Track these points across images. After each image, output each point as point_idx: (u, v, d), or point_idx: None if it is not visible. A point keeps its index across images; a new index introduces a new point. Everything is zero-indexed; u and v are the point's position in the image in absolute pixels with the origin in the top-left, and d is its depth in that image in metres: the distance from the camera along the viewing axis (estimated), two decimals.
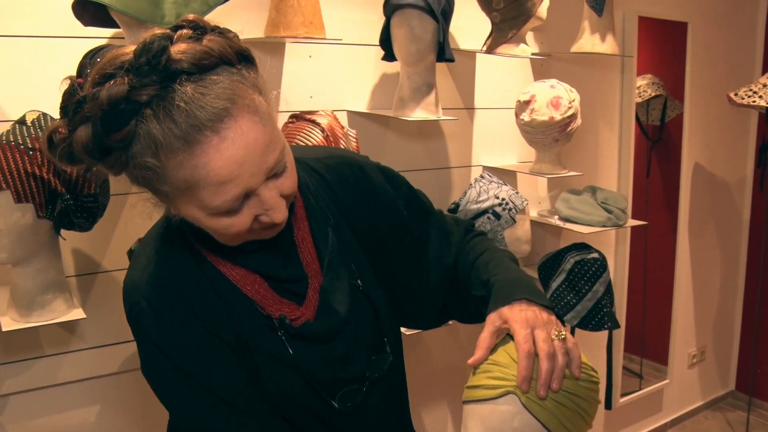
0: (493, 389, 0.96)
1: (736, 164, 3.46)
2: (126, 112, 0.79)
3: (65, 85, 0.85)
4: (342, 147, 1.73)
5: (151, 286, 0.94)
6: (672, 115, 3.16)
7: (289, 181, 0.90)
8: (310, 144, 1.66)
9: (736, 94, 2.84)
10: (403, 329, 1.25)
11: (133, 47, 0.81)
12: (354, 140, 1.80)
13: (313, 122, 1.70)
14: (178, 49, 0.80)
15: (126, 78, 0.79)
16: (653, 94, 3.07)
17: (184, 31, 0.83)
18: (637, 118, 3.05)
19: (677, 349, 3.30)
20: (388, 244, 1.13)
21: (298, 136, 1.68)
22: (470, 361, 0.98)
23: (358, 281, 1.07)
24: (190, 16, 0.86)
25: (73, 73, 1.27)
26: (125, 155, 0.82)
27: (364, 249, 1.11)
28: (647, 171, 3.22)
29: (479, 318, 1.11)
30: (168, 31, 0.82)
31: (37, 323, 1.41)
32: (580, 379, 0.96)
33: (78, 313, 1.46)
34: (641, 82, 3.03)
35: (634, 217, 2.82)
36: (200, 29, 0.84)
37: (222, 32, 0.85)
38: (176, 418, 1.00)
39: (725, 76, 3.25)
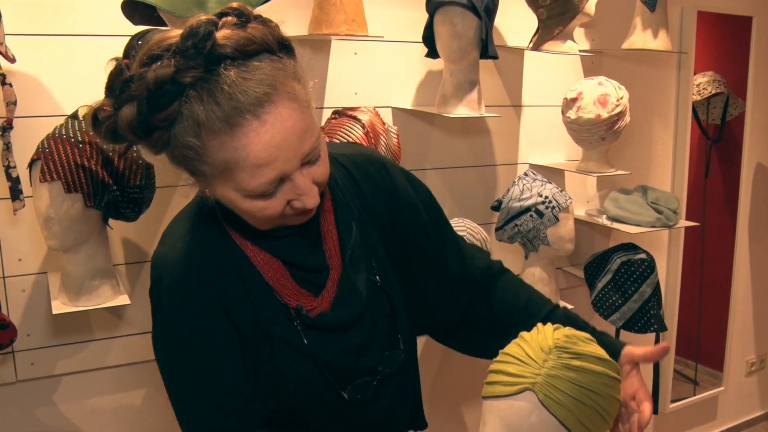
0: (511, 386, 0.96)
1: None
2: (171, 93, 0.82)
3: (111, 66, 0.89)
4: (382, 143, 1.74)
5: (177, 264, 0.97)
6: (734, 114, 3.05)
7: (321, 169, 0.93)
8: (350, 139, 1.68)
9: None
10: None
11: (179, 31, 0.84)
12: (395, 136, 1.82)
13: (354, 118, 1.73)
14: (223, 35, 0.83)
15: (172, 60, 0.82)
16: (714, 92, 2.97)
17: (229, 18, 0.86)
18: (697, 117, 2.96)
19: (734, 356, 3.20)
20: (407, 244, 1.15)
21: (339, 132, 1.71)
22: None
23: (377, 277, 1.09)
24: (234, 4, 0.88)
25: None
26: (167, 134, 0.85)
27: (385, 245, 1.12)
28: (706, 171, 3.12)
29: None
30: (213, 17, 0.85)
31: (84, 307, 1.48)
32: (598, 374, 0.95)
33: (123, 299, 1.53)
34: (701, 79, 2.94)
35: (690, 218, 2.75)
36: (244, 17, 0.87)
37: (264, 21, 0.88)
38: (176, 401, 1.02)
39: None
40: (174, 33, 0.84)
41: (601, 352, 0.99)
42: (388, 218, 1.13)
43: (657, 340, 2.32)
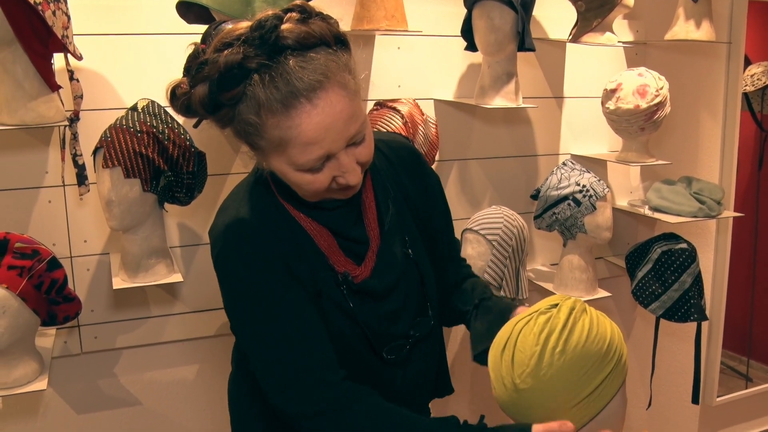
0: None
1: None
2: (237, 76, 0.94)
3: (190, 49, 1.03)
4: (420, 132, 1.82)
5: (239, 230, 1.09)
6: None
7: (365, 151, 1.05)
8: (390, 129, 1.77)
9: None
10: None
11: (248, 23, 0.96)
12: (434, 126, 1.89)
13: (394, 109, 1.81)
14: (287, 28, 0.95)
15: (241, 48, 0.94)
16: None
17: (293, 14, 0.97)
18: (750, 108, 2.92)
19: None
20: (432, 222, 1.27)
21: (380, 122, 1.79)
22: None
23: (409, 250, 1.20)
24: (299, 1, 1.00)
25: (178, 64, 1.48)
26: (232, 112, 0.98)
27: (417, 223, 1.23)
28: (759, 163, 3.07)
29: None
30: (280, 12, 0.98)
31: (141, 283, 1.61)
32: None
33: (177, 277, 1.65)
34: (756, 69, 2.89)
35: (743, 210, 2.71)
36: (306, 13, 0.98)
37: (324, 18, 1.01)
38: (256, 352, 1.12)
39: None
40: (244, 24, 0.97)
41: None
42: (421, 200, 1.25)
43: (698, 330, 2.32)
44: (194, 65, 0.99)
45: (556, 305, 1.05)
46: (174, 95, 1.02)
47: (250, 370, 1.19)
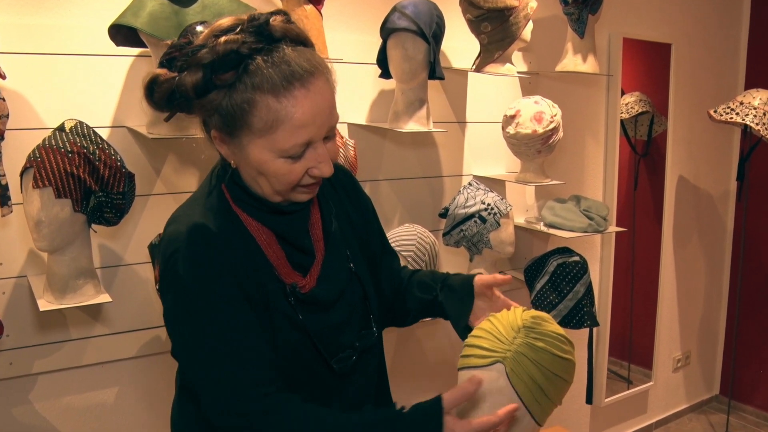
0: (485, 358, 1.13)
1: (720, 177, 3.63)
2: (234, 60, 1.02)
3: (163, 48, 1.08)
4: (341, 154, 1.92)
5: (193, 237, 1.10)
6: (659, 131, 3.33)
7: (335, 147, 1.14)
8: None
9: (715, 111, 3.02)
10: None
11: (232, 20, 1.05)
12: (352, 149, 1.99)
13: None
14: (276, 24, 1.06)
15: (240, 35, 1.03)
16: (640, 111, 3.24)
17: (279, 16, 1.08)
18: (626, 133, 3.22)
19: (662, 353, 3.46)
20: (368, 238, 1.36)
21: None
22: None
23: (351, 264, 1.28)
24: (279, 10, 1.11)
25: (102, 84, 1.49)
26: (223, 95, 1.04)
27: (357, 240, 1.32)
28: (635, 183, 3.38)
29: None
30: (267, 13, 1.08)
31: (69, 305, 1.59)
32: (556, 358, 1.13)
33: (105, 297, 1.64)
34: (629, 98, 3.21)
35: (621, 226, 2.99)
36: (287, 17, 1.09)
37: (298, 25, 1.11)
38: (192, 360, 1.12)
39: (710, 94, 3.42)
40: (228, 19, 1.06)
41: (560, 330, 1.15)
42: (360, 220, 1.34)
43: (590, 336, 2.54)
44: (182, 54, 1.04)
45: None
46: (156, 83, 1.05)
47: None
